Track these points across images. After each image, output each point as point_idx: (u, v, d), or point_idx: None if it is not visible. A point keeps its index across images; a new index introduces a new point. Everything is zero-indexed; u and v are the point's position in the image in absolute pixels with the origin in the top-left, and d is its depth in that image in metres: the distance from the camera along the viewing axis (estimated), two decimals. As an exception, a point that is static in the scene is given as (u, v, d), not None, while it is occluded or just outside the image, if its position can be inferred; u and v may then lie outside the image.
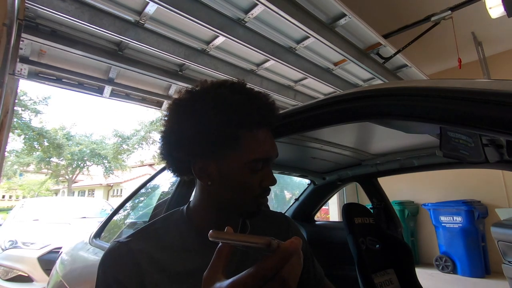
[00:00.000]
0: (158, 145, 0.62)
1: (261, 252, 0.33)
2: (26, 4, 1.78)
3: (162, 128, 0.61)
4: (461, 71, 3.91)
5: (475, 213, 3.89)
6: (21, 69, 2.34)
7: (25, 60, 2.33)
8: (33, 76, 2.52)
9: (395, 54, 3.14)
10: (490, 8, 3.12)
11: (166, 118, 0.60)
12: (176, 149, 0.58)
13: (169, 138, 0.59)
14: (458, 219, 3.98)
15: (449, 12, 3.21)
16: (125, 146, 16.51)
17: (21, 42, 2.05)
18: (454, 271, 4.02)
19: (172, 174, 0.66)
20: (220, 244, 0.36)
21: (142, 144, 16.67)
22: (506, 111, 0.45)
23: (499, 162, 1.00)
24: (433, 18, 3.33)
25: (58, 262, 1.78)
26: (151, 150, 17.63)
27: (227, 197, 0.58)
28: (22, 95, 12.63)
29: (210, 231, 0.35)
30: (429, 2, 3.31)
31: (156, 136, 16.28)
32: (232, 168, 0.56)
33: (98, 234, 1.67)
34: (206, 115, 0.54)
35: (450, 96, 0.52)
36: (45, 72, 2.54)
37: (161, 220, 0.65)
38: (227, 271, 0.35)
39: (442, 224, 4.15)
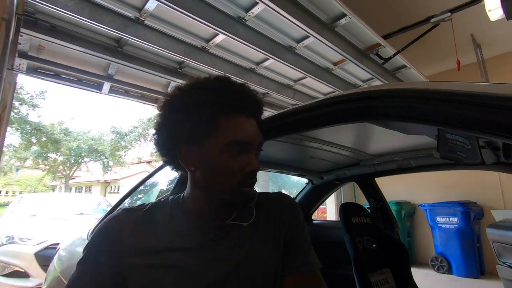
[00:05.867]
0: (153, 138, 0.66)
1: None
2: (25, -2, 1.77)
3: (155, 121, 0.65)
4: (460, 73, 3.93)
5: (471, 214, 3.92)
6: (20, 64, 2.33)
7: (23, 55, 2.32)
8: (31, 71, 2.50)
9: (394, 55, 3.15)
10: (489, 10, 3.13)
11: (158, 113, 0.64)
12: (164, 138, 0.62)
13: (159, 129, 0.62)
14: (454, 220, 4.01)
15: (449, 14, 3.22)
16: (123, 143, 16.44)
17: (20, 37, 2.03)
18: (449, 271, 4.06)
19: (169, 168, 0.69)
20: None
21: (140, 141, 16.62)
22: (503, 114, 0.45)
23: (495, 164, 1.01)
24: (432, 20, 3.34)
25: (55, 258, 1.78)
26: (149, 147, 17.61)
27: (208, 182, 0.60)
28: (19, 88, 12.53)
29: None
30: (429, 3, 3.32)
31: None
32: (211, 153, 0.58)
33: (95, 231, 1.66)
34: (188, 103, 0.58)
35: (448, 98, 0.53)
36: (44, 68, 2.53)
37: (156, 202, 0.68)
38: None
39: (438, 225, 4.18)
